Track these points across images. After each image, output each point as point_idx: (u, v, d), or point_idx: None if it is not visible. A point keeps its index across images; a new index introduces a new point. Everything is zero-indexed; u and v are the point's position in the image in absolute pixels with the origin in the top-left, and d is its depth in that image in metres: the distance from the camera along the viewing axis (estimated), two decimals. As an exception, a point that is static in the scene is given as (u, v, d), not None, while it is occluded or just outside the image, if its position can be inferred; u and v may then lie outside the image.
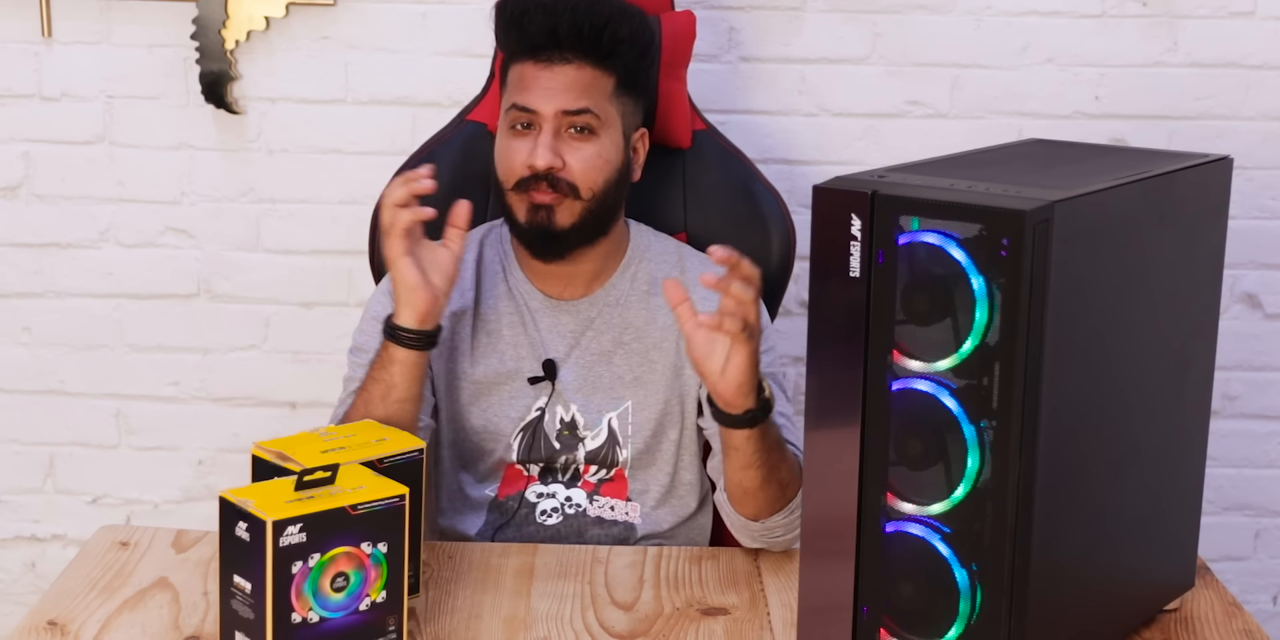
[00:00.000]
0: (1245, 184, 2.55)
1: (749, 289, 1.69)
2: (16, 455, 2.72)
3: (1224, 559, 2.71)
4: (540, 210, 1.92)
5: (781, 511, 1.83)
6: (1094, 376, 1.47)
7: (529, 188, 1.92)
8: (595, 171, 1.92)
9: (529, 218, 1.93)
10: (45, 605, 1.71)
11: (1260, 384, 2.68)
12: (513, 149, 1.93)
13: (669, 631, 1.69)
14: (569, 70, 1.92)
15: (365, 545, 1.56)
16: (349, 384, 1.95)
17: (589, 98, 1.92)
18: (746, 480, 1.82)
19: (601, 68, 1.93)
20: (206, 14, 2.51)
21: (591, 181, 1.92)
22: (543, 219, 1.92)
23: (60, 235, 2.63)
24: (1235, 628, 1.70)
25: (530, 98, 1.92)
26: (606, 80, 1.94)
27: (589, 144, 1.93)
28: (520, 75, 1.94)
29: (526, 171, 1.91)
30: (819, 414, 1.49)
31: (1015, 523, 1.40)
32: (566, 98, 1.91)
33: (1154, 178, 1.52)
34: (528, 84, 1.93)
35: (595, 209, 1.94)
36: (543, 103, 1.91)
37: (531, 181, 1.91)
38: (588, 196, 1.92)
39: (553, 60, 1.92)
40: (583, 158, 1.92)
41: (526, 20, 1.92)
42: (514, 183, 1.93)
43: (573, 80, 1.92)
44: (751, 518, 1.85)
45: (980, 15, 2.53)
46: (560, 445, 1.99)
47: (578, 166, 1.91)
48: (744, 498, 1.84)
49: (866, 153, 2.57)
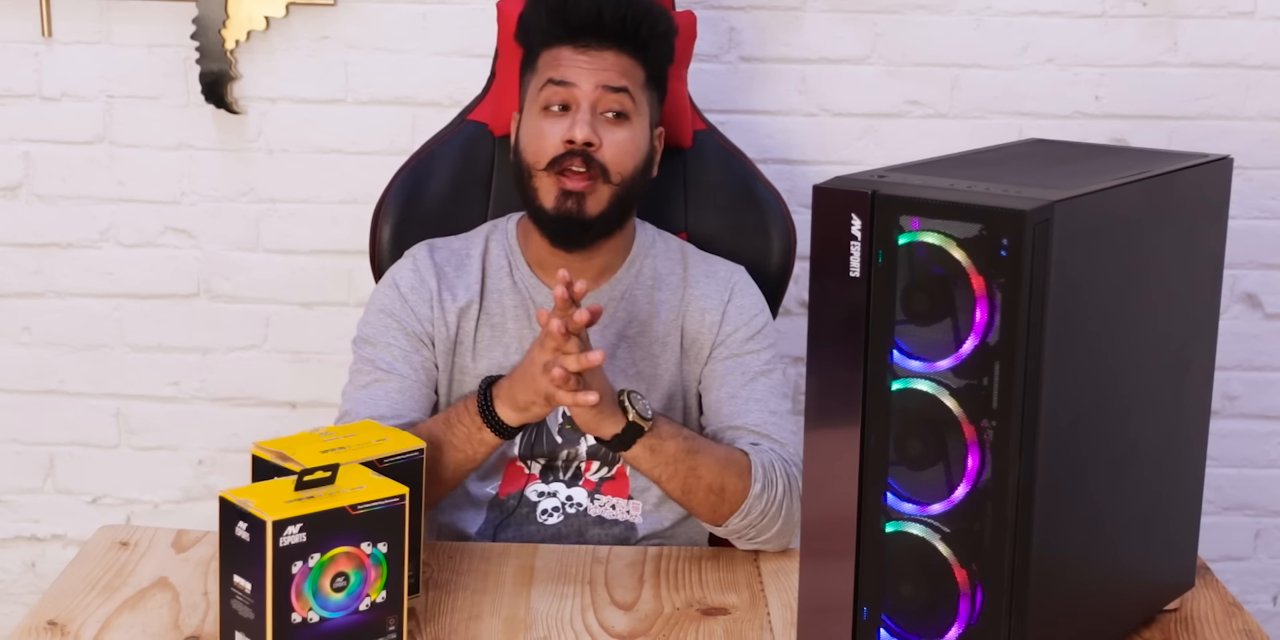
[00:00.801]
0: (1245, 184, 2.55)
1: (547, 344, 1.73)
2: (16, 455, 2.72)
3: (1224, 559, 2.71)
4: (570, 197, 1.92)
5: (735, 515, 1.84)
6: (1094, 377, 1.47)
7: (562, 167, 1.91)
8: (627, 156, 1.93)
9: (558, 204, 1.92)
10: (45, 605, 1.71)
11: (1260, 384, 2.68)
12: (545, 128, 1.93)
13: (669, 631, 1.69)
14: (607, 55, 1.94)
15: (365, 545, 1.56)
16: (357, 376, 1.96)
17: (626, 80, 1.94)
18: (668, 491, 1.85)
19: (635, 58, 1.96)
20: (206, 14, 2.51)
21: (623, 166, 1.93)
22: (572, 207, 1.92)
23: (60, 235, 2.63)
24: (1235, 628, 1.70)
25: (569, 73, 1.93)
26: (638, 71, 1.96)
27: (622, 128, 1.94)
28: (555, 58, 1.95)
29: (562, 147, 1.91)
30: (819, 414, 1.49)
31: (1015, 523, 1.40)
32: (606, 75, 1.93)
33: (1154, 178, 1.52)
34: (565, 64, 1.94)
35: (622, 196, 1.94)
36: (582, 78, 1.92)
37: (566, 158, 1.91)
38: (617, 182, 1.93)
39: (590, 46, 1.94)
40: (617, 141, 1.93)
41: (570, 4, 1.94)
42: (546, 162, 1.92)
43: (610, 64, 1.94)
44: (709, 523, 1.88)
45: (980, 15, 2.53)
46: (562, 440, 1.99)
47: (611, 149, 1.92)
48: (683, 506, 1.88)
49: (866, 153, 2.57)
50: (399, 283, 1.99)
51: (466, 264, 2.02)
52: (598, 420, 1.78)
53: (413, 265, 2.01)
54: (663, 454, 1.81)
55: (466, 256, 2.03)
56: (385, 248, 2.14)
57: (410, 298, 1.98)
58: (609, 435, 1.79)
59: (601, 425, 1.78)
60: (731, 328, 2.01)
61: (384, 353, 1.95)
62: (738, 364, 1.99)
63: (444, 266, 2.01)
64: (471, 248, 2.04)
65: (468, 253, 2.03)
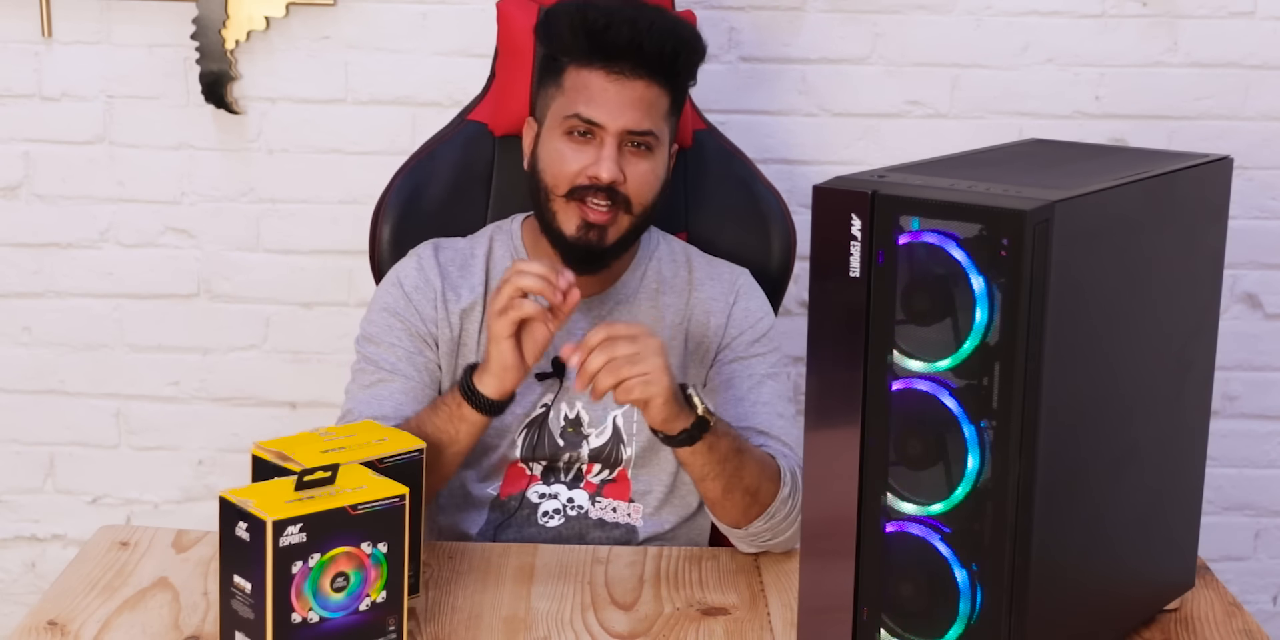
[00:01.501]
0: (1245, 184, 2.55)
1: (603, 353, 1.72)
2: (16, 455, 2.72)
3: (1224, 559, 2.71)
4: (592, 230, 1.91)
5: (760, 518, 1.84)
6: (1094, 376, 1.47)
7: (584, 198, 1.90)
8: (649, 187, 1.93)
9: (579, 234, 1.92)
10: (45, 605, 1.71)
11: (1260, 384, 2.68)
12: (568, 156, 1.91)
13: (669, 631, 1.69)
14: (639, 86, 1.90)
15: (365, 545, 1.56)
16: (360, 376, 1.95)
17: (650, 119, 1.91)
18: (707, 491, 1.84)
19: (664, 88, 1.93)
20: (206, 14, 2.51)
21: (644, 198, 1.93)
22: (594, 238, 1.91)
23: (60, 235, 2.63)
24: (1235, 628, 1.70)
25: (597, 112, 1.90)
26: (665, 100, 1.94)
27: (646, 161, 1.92)
28: (587, 83, 1.91)
29: (585, 181, 1.90)
30: (819, 414, 1.49)
31: (1015, 523, 1.40)
32: (633, 117, 1.90)
33: (1154, 178, 1.52)
34: (595, 96, 1.90)
35: (640, 225, 1.95)
36: (610, 119, 1.89)
37: (589, 191, 1.90)
38: (638, 212, 1.93)
39: (624, 74, 1.90)
40: (639, 173, 1.92)
41: (611, 31, 1.90)
42: (567, 189, 1.91)
43: (640, 97, 1.90)
44: (732, 525, 1.86)
45: (980, 15, 2.53)
46: (564, 442, 1.99)
47: (634, 182, 1.91)
48: (714, 507, 1.86)
49: (866, 153, 2.57)
50: (403, 281, 1.99)
51: (470, 265, 2.02)
52: (669, 415, 1.76)
53: (417, 264, 2.00)
54: (718, 451, 1.80)
55: (471, 257, 2.02)
56: (385, 248, 2.14)
57: (414, 297, 1.98)
58: (678, 430, 1.78)
59: (673, 420, 1.77)
60: (737, 331, 2.01)
61: (387, 353, 1.95)
62: (744, 367, 1.99)
63: (448, 267, 2.01)
64: (476, 248, 2.03)
65: (472, 253, 2.03)
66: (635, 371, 1.73)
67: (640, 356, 1.73)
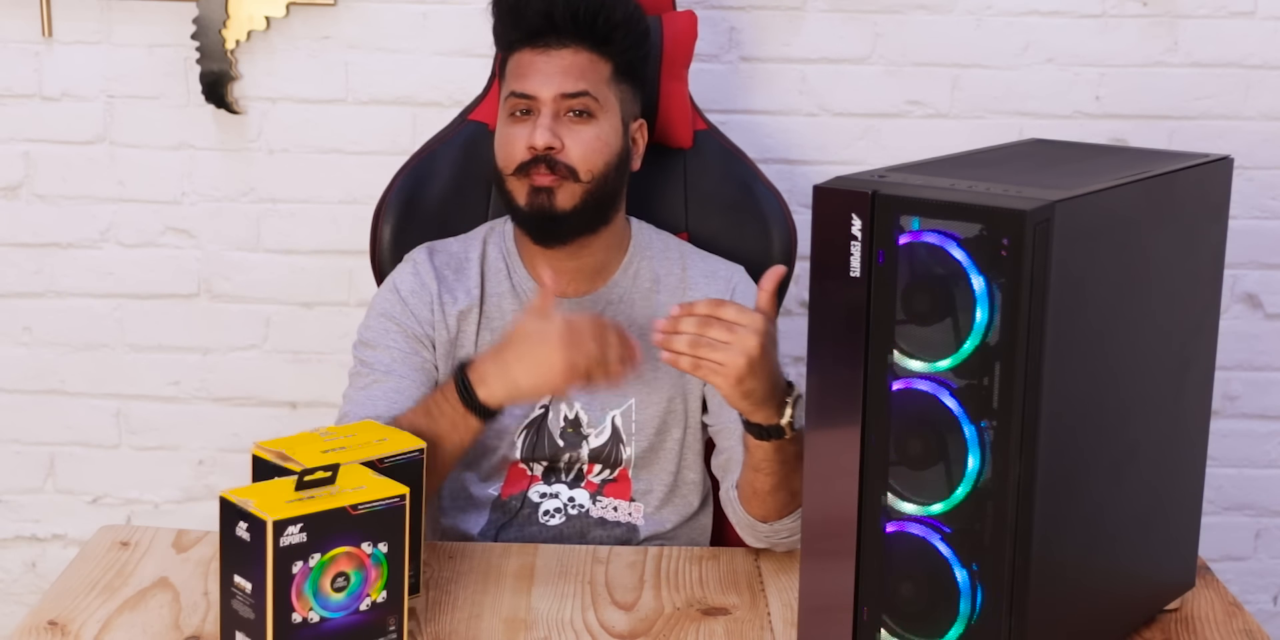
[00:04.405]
0: (1245, 184, 2.55)
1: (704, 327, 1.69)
2: (16, 455, 2.72)
3: (1224, 559, 2.71)
4: (540, 193, 1.92)
5: (789, 516, 1.83)
6: (1094, 376, 1.48)
7: (529, 171, 1.92)
8: (594, 154, 1.93)
9: (529, 201, 1.93)
10: (45, 605, 1.71)
11: (1260, 384, 2.68)
12: (511, 135, 1.94)
13: (669, 631, 1.69)
14: (566, 54, 1.93)
15: (366, 545, 1.56)
16: (356, 379, 1.96)
17: (586, 81, 1.93)
18: (757, 482, 1.82)
19: (598, 52, 1.95)
20: (207, 14, 2.51)
21: (590, 164, 1.93)
22: (543, 201, 1.92)
23: (60, 235, 2.63)
24: (1235, 628, 1.70)
25: (528, 84, 1.93)
26: (604, 65, 1.95)
27: (588, 127, 1.93)
28: (518, 63, 1.95)
29: (527, 154, 1.92)
30: (819, 414, 1.49)
31: (1015, 523, 1.40)
32: (564, 81, 1.92)
33: (1154, 178, 1.52)
34: (525, 71, 1.94)
35: (595, 192, 1.94)
36: (540, 88, 1.92)
37: (531, 164, 1.92)
38: (587, 179, 1.93)
39: (549, 45, 1.93)
40: (582, 140, 1.93)
41: (523, 5, 1.94)
42: (514, 168, 1.93)
43: (570, 64, 1.93)
44: (759, 519, 1.85)
45: (980, 15, 2.53)
46: (564, 443, 1.99)
47: (576, 149, 1.92)
48: (753, 498, 1.84)
49: (866, 153, 2.57)
50: (399, 287, 2.00)
51: (465, 267, 2.02)
52: (746, 409, 1.74)
53: (413, 269, 2.01)
54: (784, 453, 1.78)
55: (465, 259, 2.03)
56: (386, 248, 2.14)
57: (410, 301, 1.98)
58: (753, 420, 1.76)
59: (751, 413, 1.75)
60: (735, 330, 2.00)
61: (383, 355, 1.95)
62: (741, 365, 1.99)
63: (443, 270, 2.01)
64: (470, 250, 2.04)
65: (466, 256, 2.03)
66: (714, 356, 1.69)
67: (728, 346, 1.68)
